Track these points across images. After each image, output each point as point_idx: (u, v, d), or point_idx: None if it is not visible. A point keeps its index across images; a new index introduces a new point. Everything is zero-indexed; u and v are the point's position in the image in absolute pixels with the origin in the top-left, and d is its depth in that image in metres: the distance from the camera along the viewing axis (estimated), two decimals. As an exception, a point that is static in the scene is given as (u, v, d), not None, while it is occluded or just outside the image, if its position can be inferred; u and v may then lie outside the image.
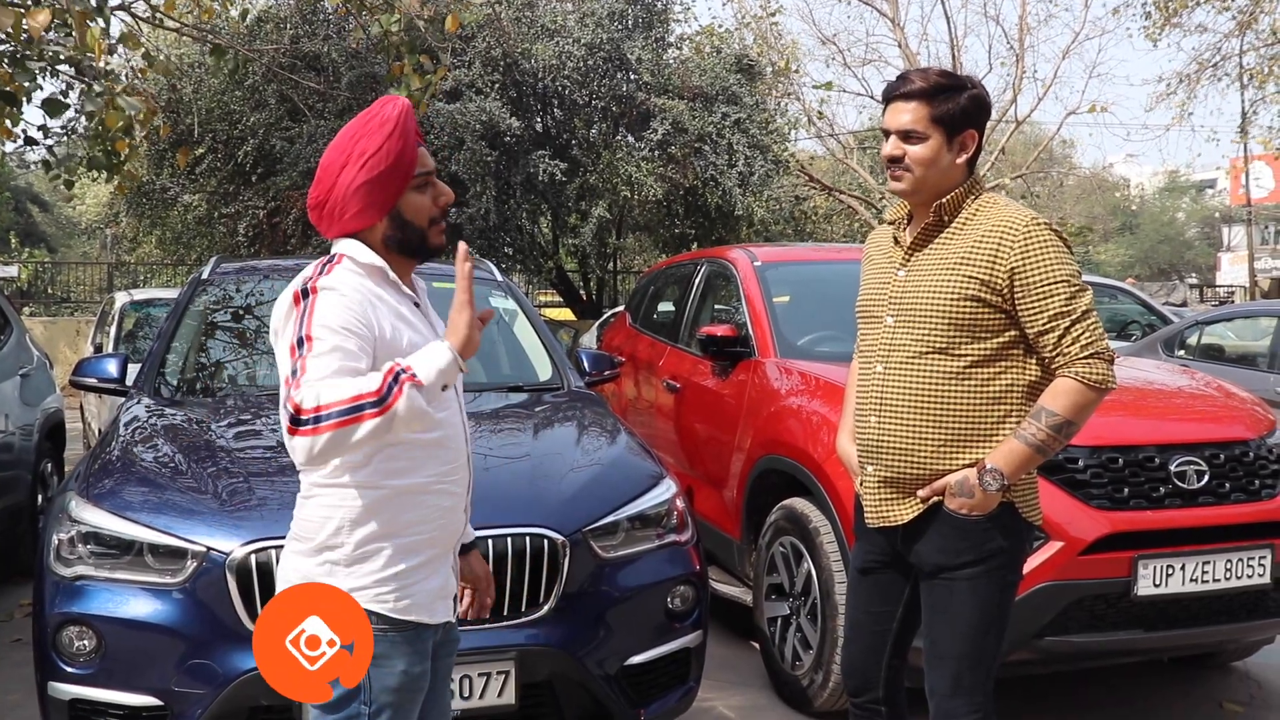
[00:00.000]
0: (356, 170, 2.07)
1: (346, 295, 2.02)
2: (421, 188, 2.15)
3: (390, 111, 2.10)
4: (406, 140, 2.09)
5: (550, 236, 17.02)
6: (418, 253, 2.18)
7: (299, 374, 1.92)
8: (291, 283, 2.09)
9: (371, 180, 2.07)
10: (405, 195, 2.13)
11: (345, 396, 1.88)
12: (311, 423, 1.87)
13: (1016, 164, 25.23)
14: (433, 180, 2.18)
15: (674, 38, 15.92)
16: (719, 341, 5.27)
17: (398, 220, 2.13)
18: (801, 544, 4.35)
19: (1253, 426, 4.19)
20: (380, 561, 2.07)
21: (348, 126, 2.14)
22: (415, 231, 2.15)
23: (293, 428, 1.89)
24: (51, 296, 22.85)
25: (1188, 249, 51.48)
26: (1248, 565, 3.84)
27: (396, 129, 2.08)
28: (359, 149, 2.08)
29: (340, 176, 2.09)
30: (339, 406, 1.87)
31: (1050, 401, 2.54)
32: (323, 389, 1.89)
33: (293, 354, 1.96)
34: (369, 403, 1.88)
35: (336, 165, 2.10)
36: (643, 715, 3.49)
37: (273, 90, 13.51)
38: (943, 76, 2.63)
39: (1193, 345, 8.90)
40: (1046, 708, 4.53)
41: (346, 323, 1.99)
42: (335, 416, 1.87)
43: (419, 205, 2.15)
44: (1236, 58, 17.48)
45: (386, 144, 2.07)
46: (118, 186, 8.26)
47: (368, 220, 2.12)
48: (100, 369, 4.68)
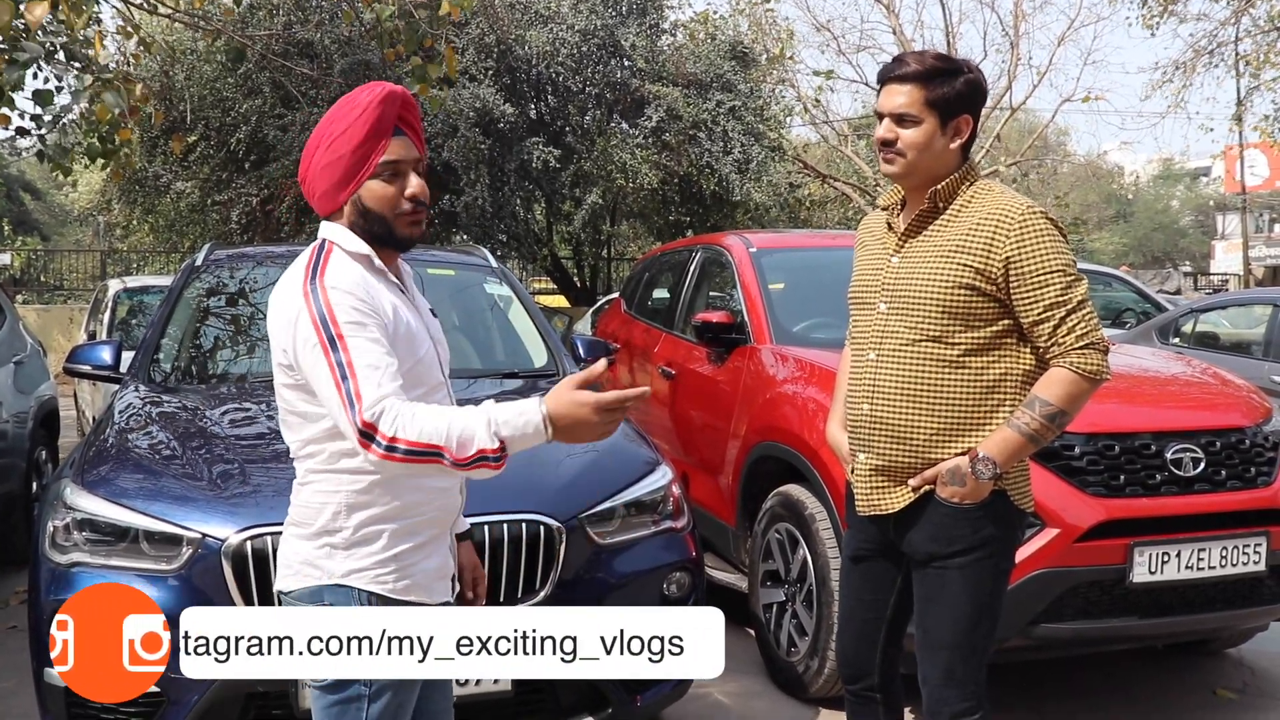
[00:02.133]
0: (325, 150, 2.08)
1: (352, 291, 2.01)
2: (388, 178, 2.11)
3: (364, 97, 2.08)
4: (374, 126, 2.06)
5: (544, 223, 16.99)
6: (386, 242, 2.15)
7: (351, 379, 1.93)
8: (289, 276, 2.08)
9: (333, 161, 2.07)
10: (366, 183, 2.10)
11: (427, 441, 1.90)
12: (385, 449, 1.91)
13: (1011, 151, 25.21)
14: (403, 171, 2.12)
15: (668, 24, 15.87)
16: (714, 328, 5.26)
17: (359, 207, 2.11)
18: (797, 530, 4.35)
19: (1249, 414, 4.20)
20: (379, 544, 2.07)
21: (328, 111, 2.15)
22: (377, 220, 2.11)
23: (364, 442, 1.91)
24: (45, 284, 22.80)
25: (1182, 237, 51.49)
26: (1243, 552, 3.85)
27: (364, 114, 2.06)
28: (330, 129, 2.09)
29: (315, 155, 2.10)
30: (418, 446, 1.91)
31: (1044, 391, 2.53)
32: (402, 418, 1.91)
33: (327, 354, 1.96)
34: (449, 459, 1.91)
35: (313, 145, 2.12)
36: (639, 701, 3.49)
37: (266, 77, 13.45)
38: (939, 60, 2.62)
39: (1187, 333, 8.91)
40: (1041, 694, 4.54)
41: (364, 310, 2.00)
42: (413, 454, 1.91)
43: (382, 194, 2.10)
44: (1232, 45, 17.45)
45: (352, 127, 2.06)
46: (112, 173, 8.23)
47: (333, 203, 2.11)
48: (94, 356, 4.68)
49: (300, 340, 2.00)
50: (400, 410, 1.92)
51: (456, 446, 1.91)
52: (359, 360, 1.95)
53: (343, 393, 1.94)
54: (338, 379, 1.95)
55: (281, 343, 2.05)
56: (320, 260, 2.06)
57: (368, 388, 1.93)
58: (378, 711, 2.07)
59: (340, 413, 1.94)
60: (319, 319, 1.98)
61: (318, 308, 1.99)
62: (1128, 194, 50.96)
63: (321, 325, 1.97)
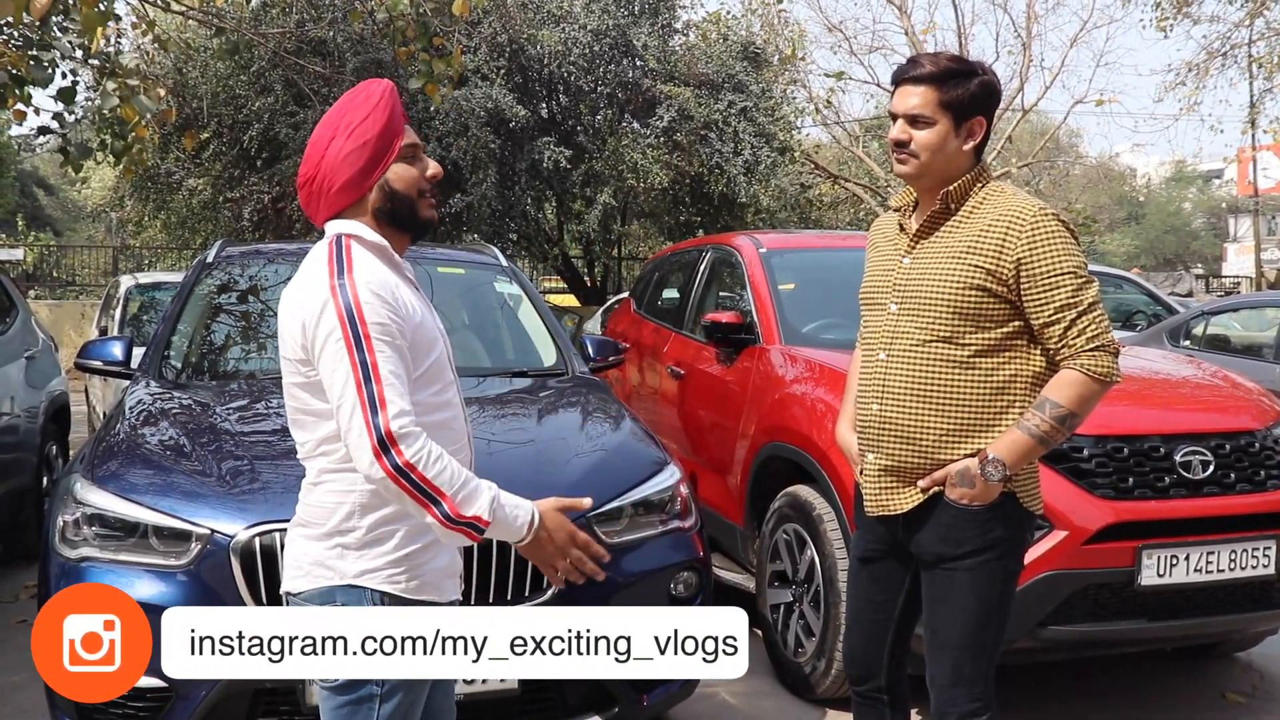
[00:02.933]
0: (345, 139, 2.08)
1: (380, 292, 2.01)
2: (410, 159, 2.15)
3: (375, 89, 2.12)
4: (393, 113, 2.11)
5: (555, 223, 17.00)
6: (409, 225, 2.17)
7: (376, 383, 1.94)
8: (309, 272, 2.07)
9: (359, 147, 2.08)
10: (393, 165, 2.12)
11: (435, 484, 1.93)
12: (396, 470, 1.92)
13: (1023, 153, 25.16)
14: (419, 153, 2.18)
15: (680, 24, 15.88)
16: (724, 328, 5.26)
17: (386, 190, 2.13)
18: (805, 531, 4.35)
19: (1259, 417, 4.18)
20: (392, 544, 2.07)
21: (333, 106, 2.15)
22: (404, 201, 2.14)
23: (377, 449, 1.92)
24: (57, 280, 22.89)
25: (1194, 239, 51.36)
26: (1252, 556, 3.84)
27: (382, 101, 2.10)
28: (345, 120, 2.09)
29: (329, 148, 2.09)
30: (424, 485, 1.93)
31: (1054, 393, 2.52)
32: (429, 452, 1.94)
33: (351, 352, 1.96)
34: (442, 510, 1.94)
35: (325, 140, 2.11)
36: (646, 701, 3.49)
37: (278, 75, 13.49)
38: (953, 61, 2.61)
39: (1198, 335, 8.88)
40: (1050, 695, 4.54)
41: (390, 319, 2.00)
42: (417, 488, 1.93)
43: (407, 176, 2.14)
44: (1246, 47, 17.39)
45: (373, 113, 2.09)
46: (124, 170, 8.26)
47: (356, 192, 2.11)
48: (105, 352, 4.70)
49: (322, 333, 1.98)
50: (429, 446, 1.95)
51: (460, 502, 1.95)
52: (384, 366, 1.96)
53: (364, 394, 1.94)
54: (360, 379, 1.94)
55: (298, 338, 2.04)
56: (344, 255, 2.05)
57: (392, 395, 1.94)
58: (389, 711, 2.06)
59: (353, 414, 1.94)
60: (346, 315, 1.97)
61: (346, 304, 1.98)
62: (1140, 196, 50.82)
63: (349, 322, 1.97)
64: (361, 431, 1.93)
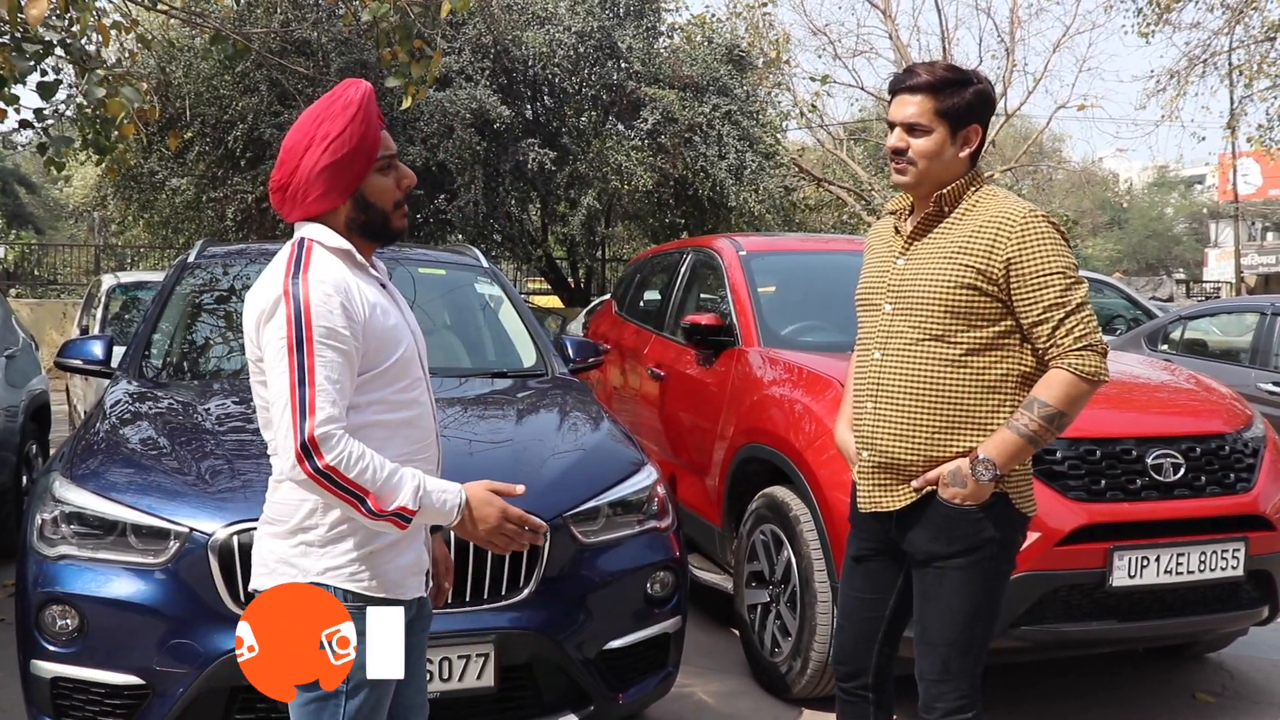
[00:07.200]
0: (320, 153, 2.06)
1: (333, 293, 2.02)
2: (385, 170, 2.15)
3: (353, 94, 2.09)
4: (369, 123, 2.09)
5: (539, 224, 17.00)
6: (380, 236, 2.18)
7: (309, 387, 1.97)
8: (268, 274, 2.08)
9: (335, 163, 2.06)
10: (369, 178, 2.13)
11: (357, 483, 1.98)
12: (318, 473, 1.96)
13: (1006, 157, 25.27)
14: (395, 163, 2.18)
15: (665, 26, 15.89)
16: (703, 330, 5.29)
17: (361, 203, 2.13)
18: (782, 532, 4.38)
19: (1229, 420, 4.24)
20: (354, 541, 2.08)
21: (310, 109, 2.13)
22: (378, 213, 2.15)
23: (300, 454, 1.95)
24: (38, 278, 22.78)
25: (1175, 244, 51.58)
26: (1221, 557, 3.89)
27: (359, 112, 2.07)
28: (321, 131, 2.07)
29: (304, 159, 2.08)
30: (347, 485, 1.97)
31: (1043, 392, 2.57)
32: (348, 455, 1.97)
33: (290, 354, 1.98)
34: (367, 506, 1.99)
35: (300, 147, 2.08)
36: (621, 699, 3.52)
37: (263, 75, 13.46)
38: (949, 71, 2.67)
39: (1176, 340, 8.95)
40: (1022, 697, 4.58)
41: (338, 324, 2.01)
42: (338, 488, 1.97)
43: (382, 188, 2.15)
44: (1226, 54, 17.50)
45: (350, 127, 2.06)
46: (107, 169, 8.23)
47: (331, 203, 2.11)
48: (86, 351, 4.70)
49: (269, 334, 2.01)
50: (350, 447, 1.98)
51: (383, 497, 1.99)
52: (320, 371, 1.98)
53: (295, 398, 1.96)
54: (294, 382, 1.97)
55: (254, 338, 2.06)
56: (302, 257, 2.06)
57: (323, 402, 1.96)
58: (355, 707, 2.08)
59: (283, 416, 1.97)
60: (294, 318, 1.99)
61: (296, 306, 1.99)
62: (1122, 201, 51.04)
63: (295, 325, 1.99)
64: (288, 434, 1.97)
